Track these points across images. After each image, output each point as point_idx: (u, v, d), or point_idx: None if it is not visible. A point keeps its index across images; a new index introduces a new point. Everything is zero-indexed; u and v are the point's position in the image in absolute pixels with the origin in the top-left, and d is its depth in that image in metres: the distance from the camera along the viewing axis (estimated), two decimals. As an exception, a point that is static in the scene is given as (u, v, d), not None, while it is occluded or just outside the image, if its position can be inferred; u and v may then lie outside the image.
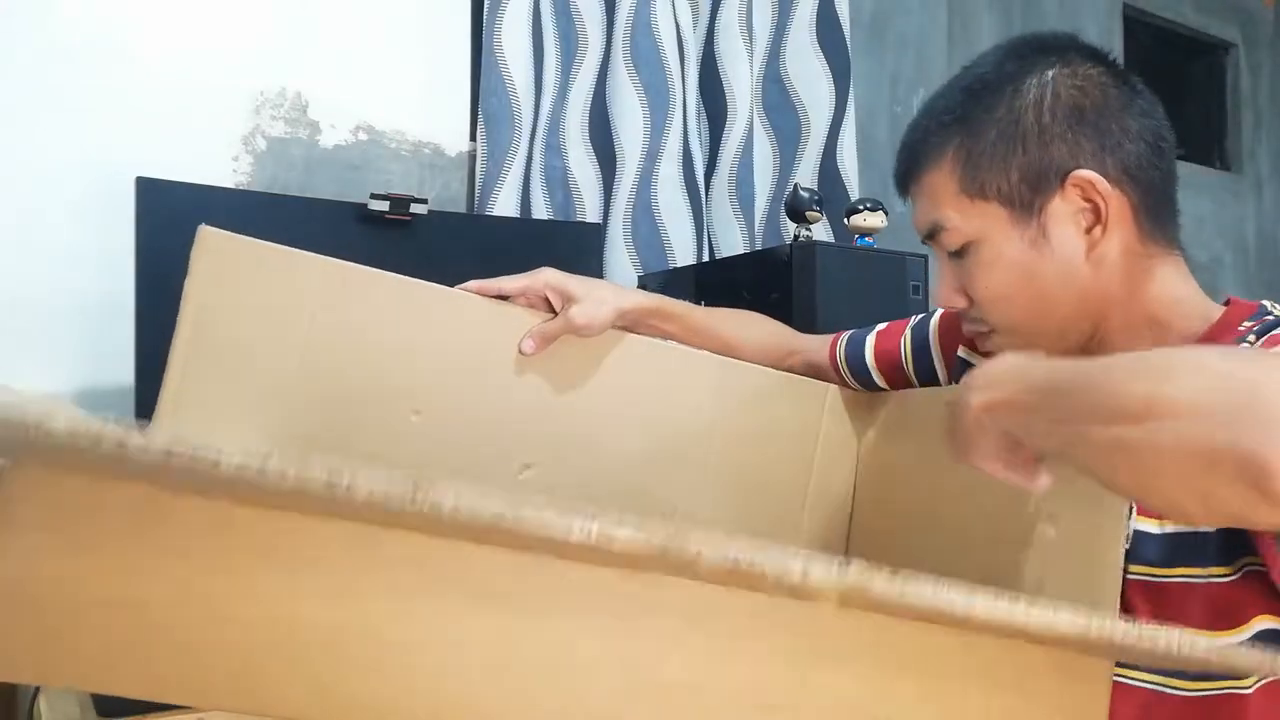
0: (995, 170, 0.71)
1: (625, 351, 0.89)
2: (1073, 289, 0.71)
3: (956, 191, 0.73)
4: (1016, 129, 0.71)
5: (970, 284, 0.74)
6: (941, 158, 0.73)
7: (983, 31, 2.14)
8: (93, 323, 1.25)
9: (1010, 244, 0.72)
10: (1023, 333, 0.74)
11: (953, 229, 0.73)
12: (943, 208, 0.74)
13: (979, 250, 0.73)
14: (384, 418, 0.82)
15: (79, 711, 0.83)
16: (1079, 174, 0.70)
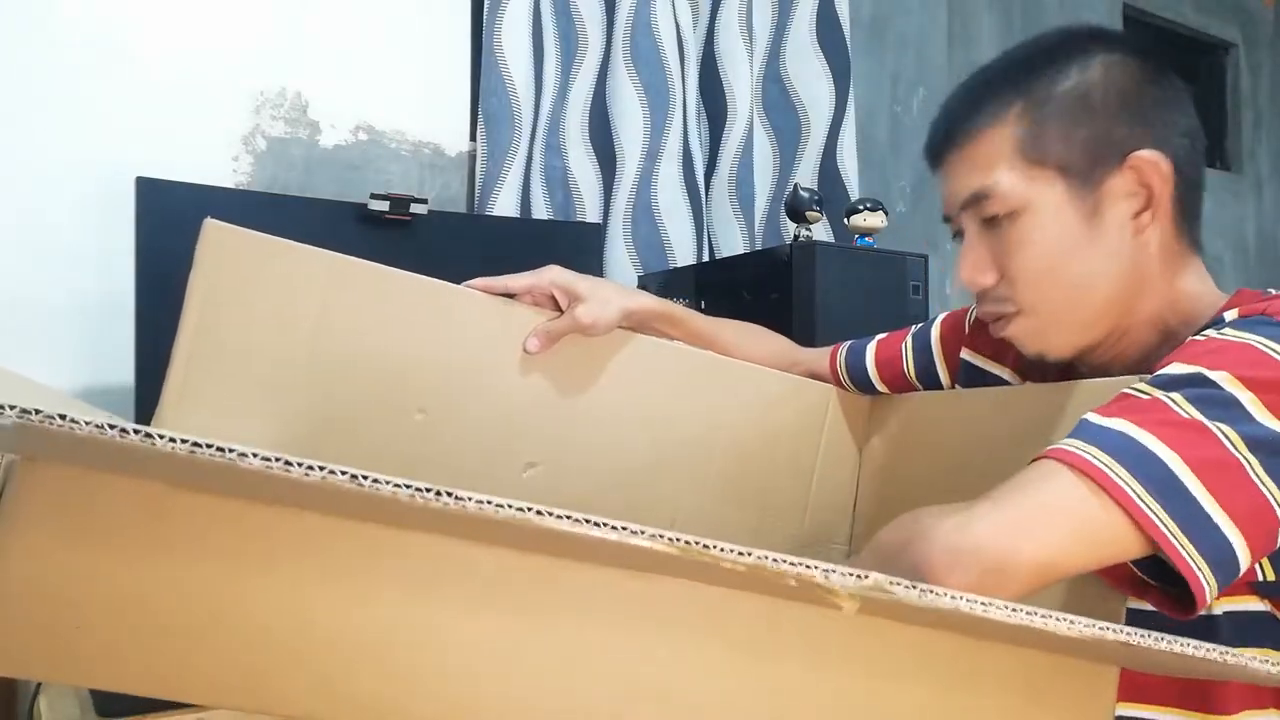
0: (1058, 138, 0.69)
1: (630, 351, 0.89)
2: (1114, 272, 0.70)
3: (1013, 153, 0.70)
4: (1083, 101, 0.69)
5: (1008, 257, 0.70)
6: (1000, 118, 0.70)
7: (983, 31, 2.14)
8: (93, 323, 1.25)
9: (1062, 216, 0.69)
10: (1055, 316, 0.71)
11: (1001, 194, 0.69)
12: (994, 171, 0.70)
13: (1025, 220, 0.69)
14: (388, 415, 0.82)
15: (79, 712, 0.83)
16: (1142, 154, 0.68)
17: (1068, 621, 0.42)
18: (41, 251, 1.24)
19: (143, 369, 1.06)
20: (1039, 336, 0.72)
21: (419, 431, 0.82)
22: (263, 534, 0.44)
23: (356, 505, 0.40)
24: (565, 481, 0.87)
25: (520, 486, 0.86)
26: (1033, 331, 0.72)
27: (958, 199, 0.73)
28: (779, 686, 0.49)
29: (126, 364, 1.07)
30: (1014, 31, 2.16)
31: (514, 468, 0.86)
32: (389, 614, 0.45)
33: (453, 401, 0.83)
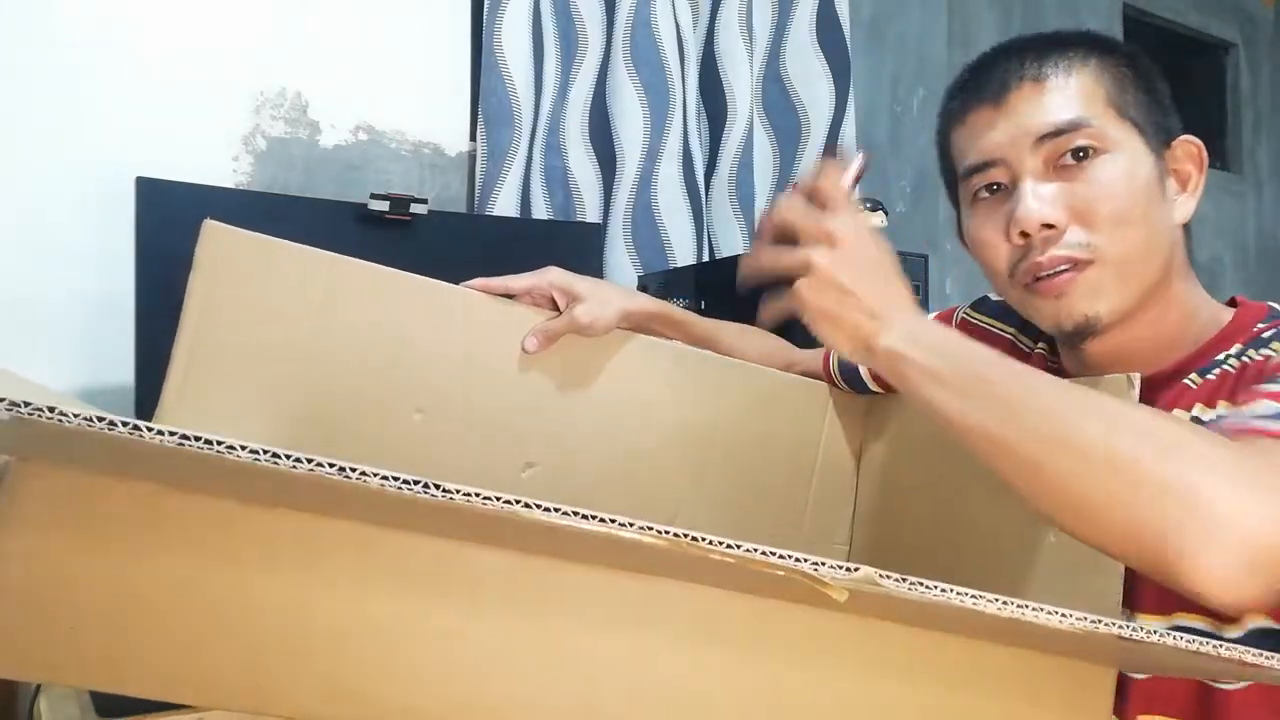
0: (1135, 101, 0.70)
1: (629, 352, 0.89)
2: (1166, 245, 0.70)
3: (1102, 98, 0.70)
4: (1148, 75, 0.72)
5: (1093, 198, 0.68)
6: (1084, 64, 0.70)
7: (983, 31, 2.14)
8: (93, 323, 1.25)
9: (1144, 167, 0.69)
10: (1127, 267, 0.69)
11: (1096, 128, 0.68)
12: (1083, 105, 0.69)
13: (1116, 161, 0.69)
14: (386, 415, 0.82)
15: (79, 712, 0.83)
16: (1191, 139, 0.72)
17: (1059, 615, 0.42)
18: (41, 251, 1.24)
19: (143, 369, 1.06)
20: (1102, 292, 0.69)
21: (418, 431, 0.82)
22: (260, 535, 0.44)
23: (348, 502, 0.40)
24: (564, 482, 0.87)
25: (519, 486, 0.86)
26: (1096, 285, 0.69)
27: (1034, 130, 0.69)
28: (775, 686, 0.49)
29: (126, 364, 1.07)
30: (1014, 32, 2.15)
31: (513, 467, 0.86)
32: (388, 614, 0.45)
33: (451, 401, 0.83)
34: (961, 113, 0.75)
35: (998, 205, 0.72)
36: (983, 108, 0.72)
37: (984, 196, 0.74)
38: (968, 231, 0.77)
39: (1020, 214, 0.69)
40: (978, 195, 0.74)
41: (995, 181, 0.72)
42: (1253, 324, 0.70)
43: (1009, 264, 0.72)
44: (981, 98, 0.72)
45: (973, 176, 0.74)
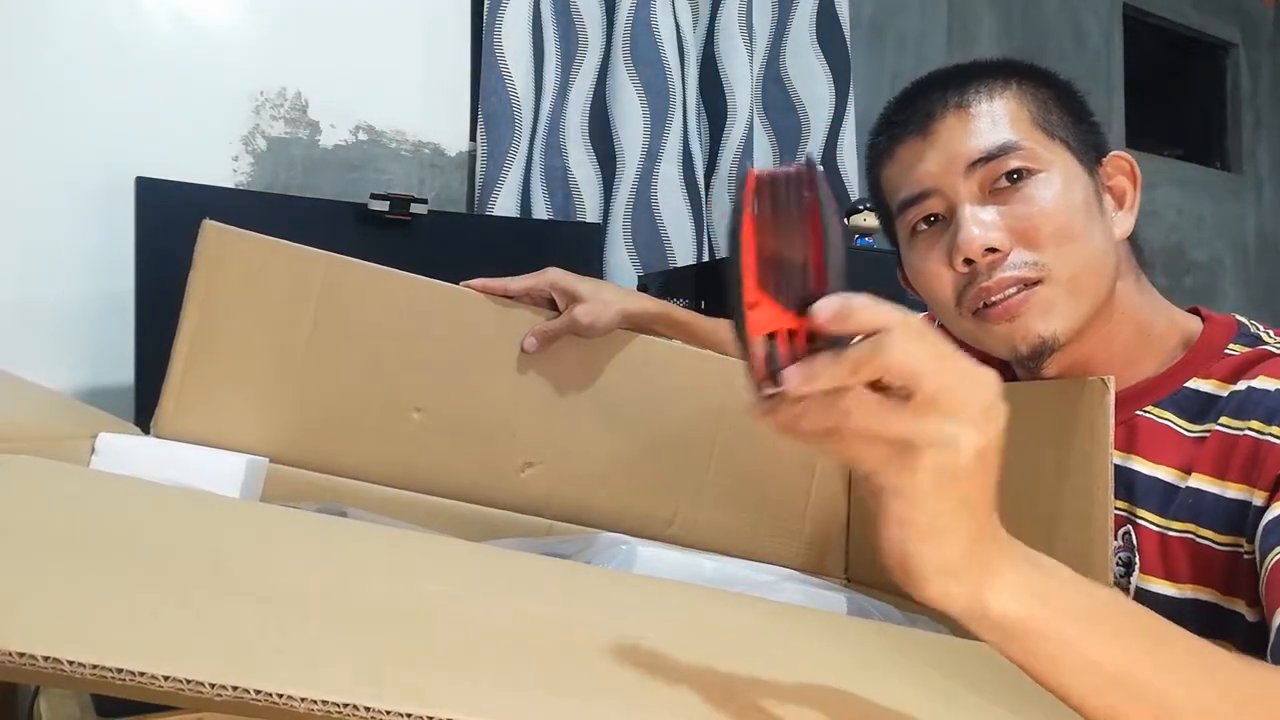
0: (1062, 121, 0.70)
1: (628, 351, 0.89)
2: (1111, 258, 0.70)
3: (1028, 119, 0.69)
4: (1070, 100, 0.71)
5: (1033, 217, 0.66)
6: (1007, 88, 0.70)
7: (983, 31, 2.14)
8: (93, 323, 1.25)
9: (1078, 185, 0.68)
10: (1076, 283, 0.67)
11: (1026, 149, 0.67)
12: (1010, 129, 0.68)
13: (1050, 181, 0.67)
14: (386, 415, 0.82)
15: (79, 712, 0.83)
16: (1122, 154, 0.71)
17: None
18: (41, 251, 1.24)
19: (143, 369, 1.06)
20: (1054, 311, 0.67)
21: (416, 431, 0.82)
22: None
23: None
24: (563, 481, 0.87)
25: (518, 486, 0.86)
26: (1049, 302, 0.67)
27: (965, 157, 0.68)
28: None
29: (126, 364, 1.07)
30: (1014, 32, 2.16)
31: (512, 467, 0.86)
32: None
33: (450, 401, 0.83)
34: (889, 147, 0.73)
35: (937, 236, 0.70)
36: (910, 140, 0.71)
37: (922, 229, 0.72)
38: (909, 265, 0.75)
39: (962, 240, 0.67)
40: (915, 229, 0.72)
41: (932, 213, 0.70)
42: (1222, 344, 0.69)
43: (955, 293, 0.70)
44: (907, 130, 0.71)
45: (908, 210, 0.71)
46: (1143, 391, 0.70)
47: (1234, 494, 0.64)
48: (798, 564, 0.92)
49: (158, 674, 0.31)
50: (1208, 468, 0.65)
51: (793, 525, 0.95)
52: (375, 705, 0.32)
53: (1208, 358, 0.69)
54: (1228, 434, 0.65)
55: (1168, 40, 2.76)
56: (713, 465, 0.92)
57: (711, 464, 0.92)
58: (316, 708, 0.31)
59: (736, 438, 0.92)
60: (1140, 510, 0.68)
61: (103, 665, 0.31)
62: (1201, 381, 0.68)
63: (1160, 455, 0.68)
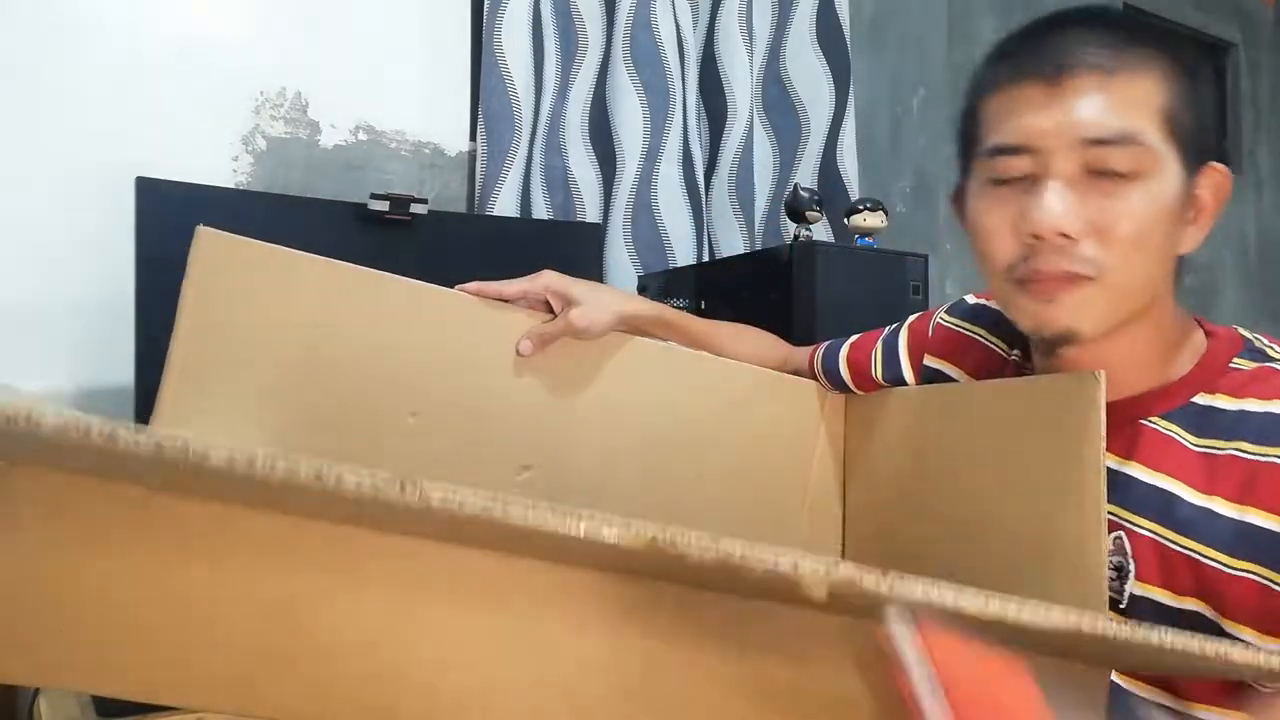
0: (1190, 116, 0.63)
1: (624, 353, 0.89)
2: (1168, 269, 0.67)
3: (1165, 114, 0.62)
4: (1207, 90, 0.65)
5: (1120, 218, 0.62)
6: (1150, 68, 0.63)
7: (983, 31, 2.14)
8: (93, 323, 1.25)
9: (1175, 193, 0.63)
10: (1127, 291, 0.64)
11: (1147, 149, 0.62)
12: (1142, 119, 0.62)
13: (1151, 185, 0.62)
14: (382, 419, 0.82)
15: (79, 712, 0.83)
16: (1219, 167, 0.66)
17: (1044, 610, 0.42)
18: (42, 252, 1.24)
19: (143, 369, 1.06)
20: (1092, 311, 0.65)
21: (412, 434, 0.82)
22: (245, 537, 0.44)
23: (332, 504, 0.40)
24: (560, 485, 0.87)
25: (515, 489, 0.86)
26: (1088, 302, 0.64)
27: (1080, 131, 0.62)
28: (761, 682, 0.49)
29: (126, 364, 1.07)
30: (1014, 31, 2.16)
31: (509, 471, 0.86)
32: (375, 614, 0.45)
33: (446, 404, 0.83)
34: (1005, 82, 0.66)
35: (1014, 196, 0.65)
36: (1033, 83, 0.64)
37: (1001, 182, 0.66)
38: (972, 212, 0.69)
39: (1038, 215, 0.63)
40: (995, 179, 0.66)
41: (1022, 173, 0.65)
42: (1227, 358, 0.68)
43: (1008, 260, 0.66)
44: (1034, 71, 0.64)
45: (997, 158, 0.66)
46: (1150, 401, 0.69)
47: (1255, 520, 0.62)
48: (797, 562, 0.92)
49: None
50: (1225, 491, 0.63)
51: (792, 524, 0.95)
52: None
53: (1214, 373, 0.68)
54: (1248, 459, 0.63)
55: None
56: (710, 466, 0.92)
57: (709, 463, 0.92)
58: None
59: (733, 437, 0.92)
60: (1137, 518, 0.67)
61: None
62: (1208, 397, 0.67)
63: (1161, 464, 0.67)
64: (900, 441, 0.89)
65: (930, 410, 0.85)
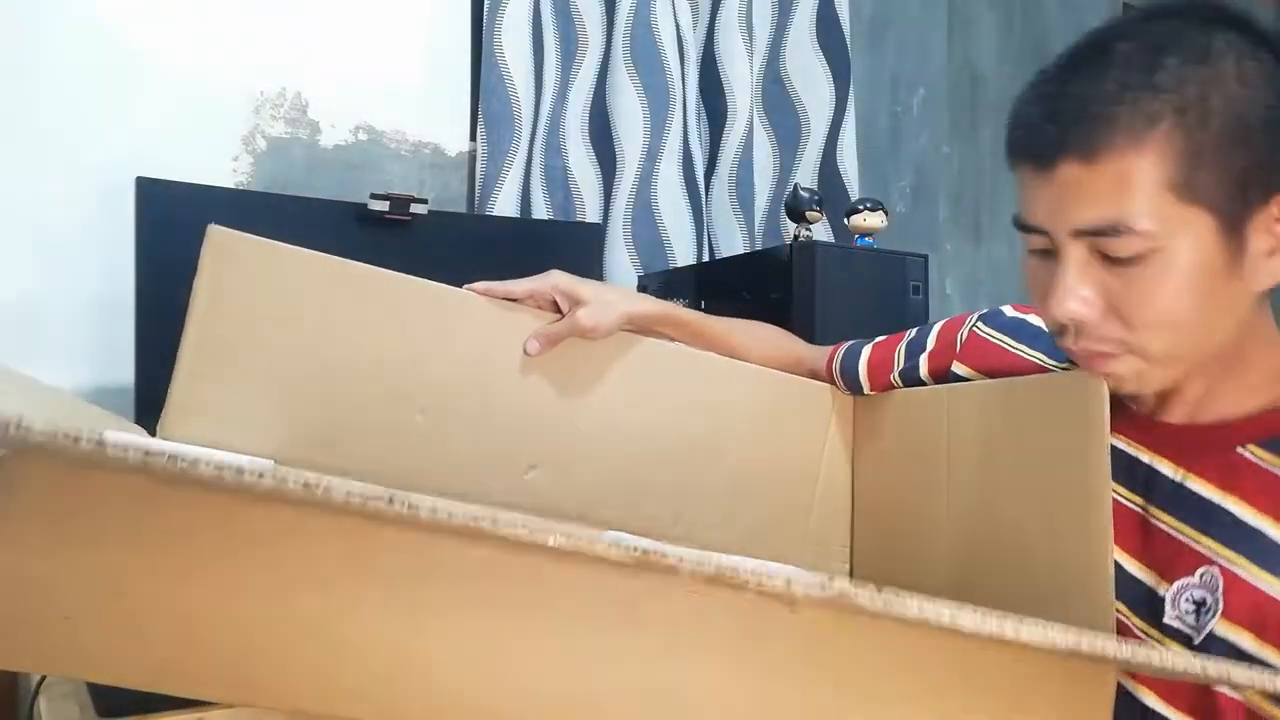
0: (1218, 168, 0.57)
1: (632, 354, 0.89)
2: (1235, 316, 0.61)
3: (1162, 186, 0.57)
4: (1242, 122, 0.57)
5: (1134, 302, 0.59)
6: (1147, 138, 0.57)
7: (983, 31, 2.14)
8: (93, 323, 1.25)
9: (1206, 259, 0.58)
10: (1170, 358, 0.61)
11: (1143, 233, 0.57)
12: (1135, 202, 0.57)
13: (1164, 261, 0.58)
14: (389, 417, 0.82)
15: (79, 712, 0.83)
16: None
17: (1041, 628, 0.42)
18: (42, 251, 1.24)
19: (143, 369, 1.06)
20: (1140, 378, 0.63)
21: (420, 433, 0.83)
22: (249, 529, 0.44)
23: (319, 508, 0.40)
24: (567, 484, 0.87)
25: (522, 488, 0.86)
26: (1135, 371, 0.62)
27: (1073, 223, 0.59)
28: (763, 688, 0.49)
29: (126, 364, 1.07)
30: (1014, 31, 2.16)
31: (516, 470, 0.86)
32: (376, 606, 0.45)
33: (454, 403, 0.84)
34: (1012, 156, 0.64)
35: (1045, 268, 0.63)
36: (1028, 167, 0.62)
37: (1033, 251, 0.65)
38: (1024, 265, 0.67)
39: (1053, 305, 0.61)
40: (1028, 249, 0.66)
41: (1042, 248, 0.64)
42: None
43: (1052, 329, 0.65)
44: (1025, 156, 0.62)
45: (1020, 229, 0.65)
46: (1242, 426, 0.64)
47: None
48: (803, 563, 0.92)
49: None
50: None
51: (799, 524, 0.95)
52: None
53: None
54: None
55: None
56: (717, 465, 0.92)
57: (715, 463, 0.92)
58: None
59: (740, 437, 0.92)
60: (1236, 555, 0.61)
61: None
62: None
63: (1261, 502, 0.62)
64: (908, 442, 0.89)
65: (938, 410, 0.85)
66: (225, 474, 0.34)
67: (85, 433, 0.34)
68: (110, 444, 0.34)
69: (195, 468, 0.34)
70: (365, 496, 0.36)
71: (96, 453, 0.34)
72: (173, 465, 0.34)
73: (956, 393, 0.84)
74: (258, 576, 0.45)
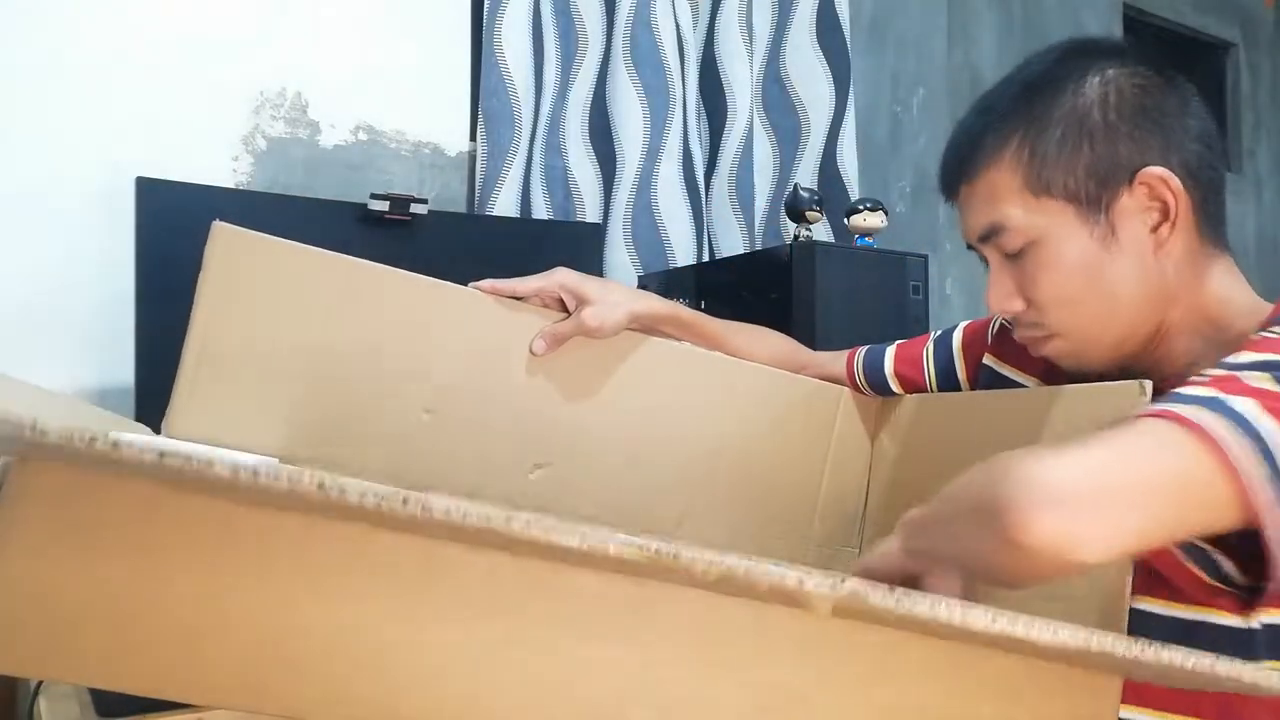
0: (1061, 167, 0.69)
1: (638, 353, 0.89)
2: (1141, 288, 0.70)
3: (1020, 188, 0.70)
4: (1083, 126, 0.69)
5: (1032, 286, 0.71)
6: (1001, 154, 0.71)
7: (983, 31, 2.14)
8: (93, 323, 1.25)
9: (1078, 242, 0.69)
10: (1085, 336, 0.71)
11: (1015, 228, 0.70)
12: (1003, 206, 0.71)
13: (1043, 250, 0.70)
14: (396, 416, 0.82)
15: (79, 712, 0.83)
16: (1150, 171, 0.68)
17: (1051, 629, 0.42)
18: (41, 252, 1.24)
19: (143, 369, 1.06)
20: (1075, 356, 0.73)
21: (426, 432, 0.83)
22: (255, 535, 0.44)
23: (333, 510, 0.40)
24: (573, 482, 0.87)
25: (528, 487, 0.86)
26: (1069, 351, 0.73)
27: (972, 233, 0.74)
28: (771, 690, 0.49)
29: (126, 364, 1.07)
30: (1014, 31, 2.16)
31: (521, 468, 0.86)
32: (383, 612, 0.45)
33: (460, 402, 0.83)
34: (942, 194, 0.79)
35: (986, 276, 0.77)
36: (946, 197, 0.77)
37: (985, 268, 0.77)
38: None
39: (987, 302, 0.75)
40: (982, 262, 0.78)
41: (983, 257, 0.76)
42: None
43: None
44: (945, 191, 0.77)
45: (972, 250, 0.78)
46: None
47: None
48: (809, 563, 0.92)
49: None
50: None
51: (803, 525, 0.94)
52: None
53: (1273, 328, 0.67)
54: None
55: (1167, 40, 2.76)
56: (722, 465, 0.92)
57: (721, 464, 0.92)
58: None
59: (746, 437, 0.92)
60: None
61: None
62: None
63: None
64: (930, 447, 0.89)
65: (966, 417, 0.85)
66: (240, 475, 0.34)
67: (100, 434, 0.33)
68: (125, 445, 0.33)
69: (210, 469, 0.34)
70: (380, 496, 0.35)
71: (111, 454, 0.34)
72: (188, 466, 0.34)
73: (984, 400, 0.84)
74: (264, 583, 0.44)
